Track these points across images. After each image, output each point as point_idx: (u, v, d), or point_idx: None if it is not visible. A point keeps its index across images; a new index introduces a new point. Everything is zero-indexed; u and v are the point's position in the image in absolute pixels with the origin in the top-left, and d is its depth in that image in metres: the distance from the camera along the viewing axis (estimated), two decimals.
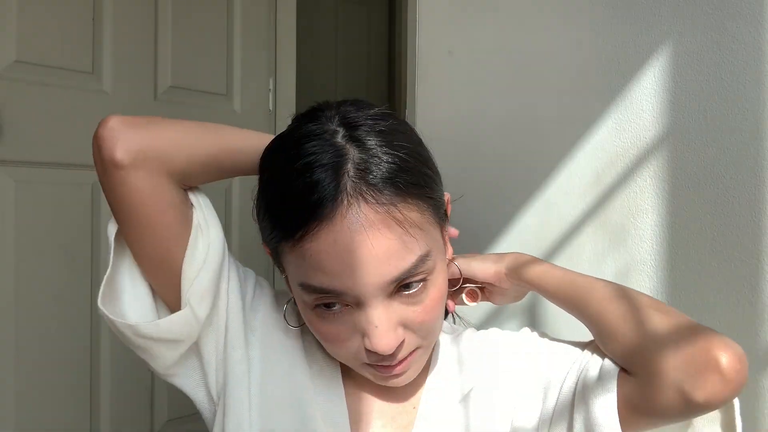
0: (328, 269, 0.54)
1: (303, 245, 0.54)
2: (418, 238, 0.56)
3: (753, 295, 0.82)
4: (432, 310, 0.58)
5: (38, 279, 1.40)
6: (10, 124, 1.35)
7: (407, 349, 0.58)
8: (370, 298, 0.55)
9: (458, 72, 1.21)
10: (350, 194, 0.54)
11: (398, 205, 0.55)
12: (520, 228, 1.10)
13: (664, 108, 0.91)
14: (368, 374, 0.61)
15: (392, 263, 0.54)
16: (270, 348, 0.66)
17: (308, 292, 0.56)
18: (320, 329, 0.59)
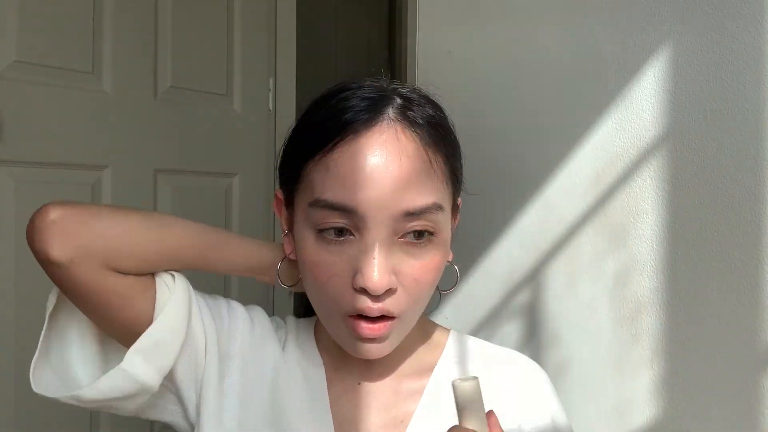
0: (348, 181, 0.55)
1: (332, 156, 0.56)
2: (438, 188, 0.58)
3: (753, 295, 0.82)
4: (429, 271, 0.58)
5: (38, 279, 1.39)
6: (10, 124, 1.35)
7: (393, 305, 0.56)
8: (377, 226, 0.55)
9: (458, 72, 1.21)
10: (391, 118, 0.57)
11: (431, 149, 0.58)
12: (520, 228, 1.10)
13: (664, 108, 0.91)
14: (345, 337, 0.59)
15: (411, 195, 0.55)
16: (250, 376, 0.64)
17: (320, 208, 0.56)
18: (316, 259, 0.57)
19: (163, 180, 1.63)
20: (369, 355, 0.60)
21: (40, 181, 1.40)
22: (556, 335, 1.05)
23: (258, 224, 1.84)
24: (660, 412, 0.92)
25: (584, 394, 1.00)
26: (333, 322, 0.60)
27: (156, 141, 1.61)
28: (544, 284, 1.07)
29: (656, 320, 0.92)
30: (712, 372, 0.86)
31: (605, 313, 0.98)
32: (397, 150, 0.56)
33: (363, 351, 0.59)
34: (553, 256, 1.05)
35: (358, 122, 0.56)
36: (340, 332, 0.60)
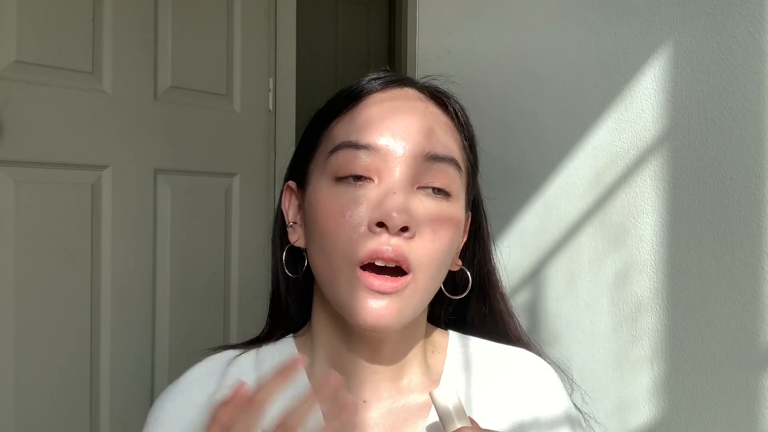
0: (373, 122, 0.56)
1: (356, 107, 0.58)
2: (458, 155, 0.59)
3: (753, 295, 0.82)
4: (444, 229, 0.56)
5: (38, 279, 1.40)
6: (10, 124, 1.35)
7: (409, 250, 0.53)
8: (400, 167, 0.55)
9: (458, 72, 1.21)
10: (419, 85, 0.61)
11: (456, 121, 0.61)
12: (520, 228, 1.10)
13: (664, 108, 0.91)
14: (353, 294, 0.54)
15: (434, 139, 0.56)
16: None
17: (344, 149, 0.56)
18: (331, 202, 0.55)
19: (163, 180, 1.63)
20: (376, 320, 0.53)
21: (40, 181, 1.40)
22: (556, 335, 1.05)
23: (258, 224, 1.84)
24: (660, 412, 0.92)
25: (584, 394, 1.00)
26: (341, 275, 0.54)
27: (156, 141, 1.61)
28: (544, 284, 1.07)
29: (656, 320, 0.92)
30: (712, 372, 0.86)
31: (605, 313, 0.98)
32: (422, 106, 0.58)
33: (370, 315, 0.53)
34: (553, 256, 1.05)
35: (381, 84, 0.59)
36: (347, 289, 0.54)
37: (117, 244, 1.53)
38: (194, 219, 1.71)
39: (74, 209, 1.46)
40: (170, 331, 1.64)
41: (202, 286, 1.73)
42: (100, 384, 1.51)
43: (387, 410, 0.59)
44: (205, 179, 1.75)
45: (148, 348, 1.61)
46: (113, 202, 1.52)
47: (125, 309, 1.55)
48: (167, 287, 1.64)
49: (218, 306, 1.77)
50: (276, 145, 1.89)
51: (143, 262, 1.59)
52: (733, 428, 0.84)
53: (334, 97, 0.62)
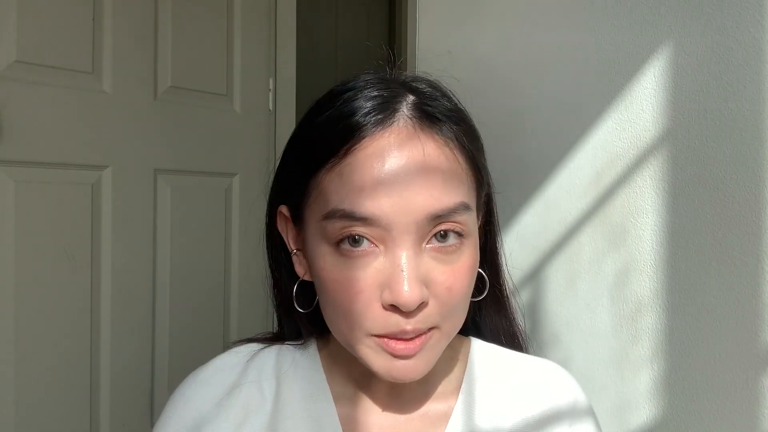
0: (366, 188, 0.50)
1: (345, 161, 0.51)
2: (463, 186, 0.53)
3: (753, 295, 0.82)
4: (461, 277, 0.52)
5: (38, 279, 1.40)
6: (10, 124, 1.35)
7: (426, 319, 0.51)
8: (404, 235, 0.50)
9: (458, 72, 1.21)
10: (406, 116, 0.52)
11: (454, 144, 0.53)
12: (520, 228, 1.10)
13: (664, 108, 0.91)
14: (375, 357, 0.52)
15: (436, 195, 0.50)
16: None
17: (338, 219, 0.50)
18: (338, 276, 0.52)
19: (163, 180, 1.63)
20: (403, 377, 0.52)
21: (40, 181, 1.40)
22: (556, 335, 1.05)
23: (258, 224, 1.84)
24: (660, 412, 0.92)
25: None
26: (359, 344, 0.53)
27: (156, 141, 1.61)
28: (544, 284, 1.07)
29: (656, 320, 0.92)
30: (712, 372, 0.86)
31: (605, 313, 0.98)
32: (417, 149, 0.51)
33: (396, 372, 0.52)
34: (553, 256, 1.05)
35: (370, 123, 0.51)
36: (367, 353, 0.53)
37: (117, 244, 1.53)
38: (194, 219, 1.71)
39: (74, 209, 1.46)
40: (170, 331, 1.64)
41: (202, 286, 1.73)
42: (100, 384, 1.51)
43: (406, 418, 0.59)
44: (205, 179, 1.75)
45: (148, 348, 1.61)
46: (113, 202, 1.52)
47: (125, 309, 1.55)
48: (167, 287, 1.64)
49: (218, 306, 1.77)
50: (276, 145, 1.89)
51: (143, 262, 1.59)
52: (733, 428, 0.84)
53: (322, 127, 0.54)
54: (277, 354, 0.62)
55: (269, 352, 0.63)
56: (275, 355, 0.62)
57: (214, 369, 0.62)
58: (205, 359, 0.64)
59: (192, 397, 0.60)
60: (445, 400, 0.60)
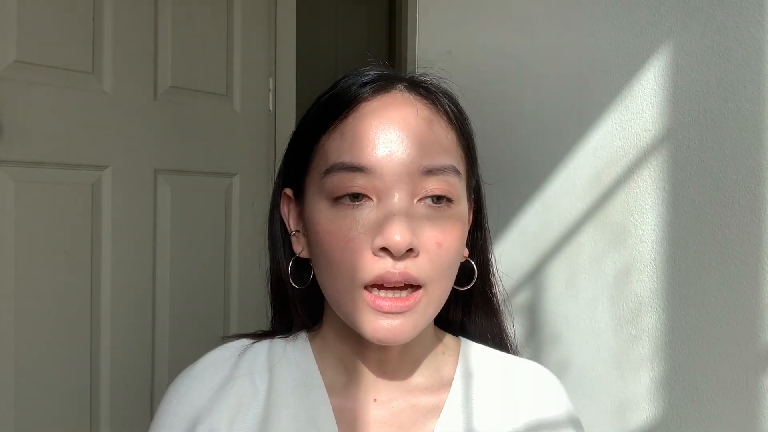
0: (365, 140, 0.54)
1: (346, 122, 0.56)
2: (454, 155, 0.57)
3: (753, 295, 0.82)
4: (451, 237, 0.55)
5: (38, 279, 1.40)
6: (10, 124, 1.35)
7: (417, 270, 0.53)
8: (397, 185, 0.53)
9: (458, 72, 1.21)
10: (407, 85, 0.58)
11: (444, 117, 0.58)
12: (520, 228, 1.10)
13: (664, 108, 0.91)
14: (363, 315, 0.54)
15: (428, 151, 0.55)
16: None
17: (338, 171, 0.54)
18: (331, 226, 0.54)
19: (163, 180, 1.63)
20: (388, 337, 0.53)
21: (40, 181, 1.40)
22: (556, 335, 1.05)
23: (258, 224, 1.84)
24: (660, 412, 0.92)
25: (584, 394, 1.00)
26: (348, 299, 0.54)
27: (156, 141, 1.61)
28: (544, 284, 1.07)
29: (656, 320, 0.92)
30: (712, 372, 0.86)
31: (605, 313, 0.98)
32: (412, 111, 0.56)
33: (382, 332, 0.53)
34: (553, 256, 1.05)
35: (368, 91, 0.56)
36: (355, 311, 0.54)
37: (117, 244, 1.53)
38: (194, 219, 1.71)
39: (74, 209, 1.46)
40: (170, 330, 1.64)
41: (202, 286, 1.73)
42: (100, 384, 1.51)
43: (397, 410, 0.60)
44: (205, 179, 1.75)
45: (148, 348, 1.61)
46: (113, 202, 1.52)
47: (125, 309, 1.55)
48: (167, 287, 1.64)
49: (218, 306, 1.77)
50: (276, 145, 1.89)
51: (143, 262, 1.59)
52: (733, 428, 0.84)
53: (324, 101, 0.60)
54: (269, 347, 0.64)
55: (260, 346, 0.64)
56: (266, 349, 0.64)
57: (206, 364, 0.63)
58: None
59: (185, 392, 0.61)
60: (437, 394, 0.61)
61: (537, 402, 0.63)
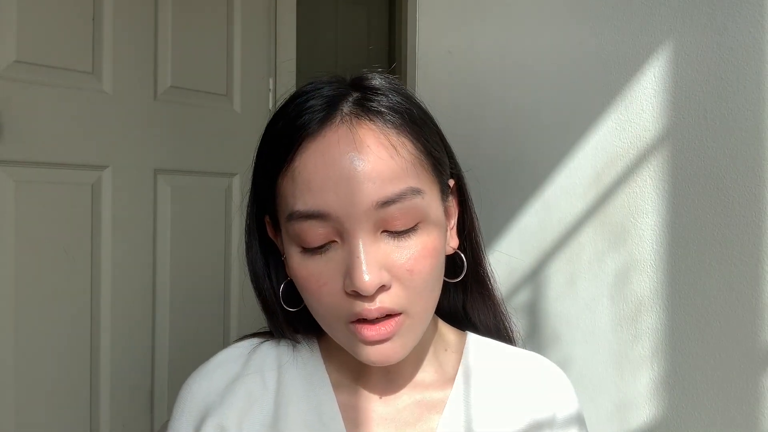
0: (314, 186, 0.53)
1: (294, 164, 0.54)
2: (410, 172, 0.55)
3: (753, 295, 0.82)
4: (421, 259, 0.55)
5: (38, 279, 1.40)
6: (10, 124, 1.35)
7: (392, 301, 0.54)
8: (355, 225, 0.53)
9: (458, 72, 1.21)
10: (345, 113, 0.55)
11: (393, 133, 0.55)
12: (520, 228, 1.10)
13: (664, 108, 0.91)
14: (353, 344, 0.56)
15: (379, 183, 0.53)
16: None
17: (296, 220, 0.54)
18: (305, 272, 0.55)
19: (163, 180, 1.63)
20: (382, 360, 0.55)
21: (40, 181, 1.40)
22: (556, 335, 1.05)
23: None
24: (660, 412, 0.92)
25: (584, 394, 1.00)
26: (337, 332, 0.57)
27: (156, 141, 1.61)
28: (544, 284, 1.07)
29: (656, 320, 0.92)
30: (712, 372, 0.86)
31: (605, 313, 0.98)
32: (353, 143, 0.54)
33: (374, 356, 0.55)
34: (553, 256, 1.05)
35: (313, 124, 0.55)
36: (346, 341, 0.57)
37: (117, 244, 1.53)
38: (194, 219, 1.71)
39: (74, 209, 1.46)
40: (170, 331, 1.64)
41: (202, 286, 1.73)
42: (100, 384, 1.51)
43: (402, 406, 0.61)
44: (205, 179, 1.75)
45: (148, 348, 1.61)
46: (113, 202, 1.52)
47: (125, 308, 1.55)
48: (167, 287, 1.64)
49: (218, 306, 1.77)
50: None
51: (143, 262, 1.59)
52: (733, 428, 0.84)
53: (272, 137, 0.58)
54: (278, 347, 0.65)
55: (270, 345, 0.66)
56: (276, 348, 0.65)
57: (218, 363, 0.65)
58: (205, 359, 0.66)
59: (198, 390, 0.63)
60: (441, 389, 0.63)
61: (542, 398, 0.64)
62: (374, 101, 0.56)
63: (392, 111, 0.56)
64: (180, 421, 0.63)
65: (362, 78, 0.59)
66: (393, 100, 0.57)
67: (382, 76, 0.60)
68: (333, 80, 0.58)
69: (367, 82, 0.58)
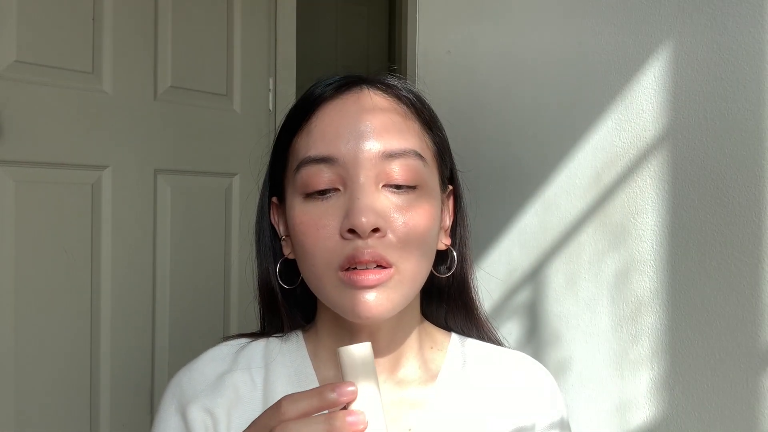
0: (328, 136, 0.58)
1: (311, 122, 0.59)
2: (416, 141, 0.60)
3: (753, 295, 0.82)
4: (417, 218, 0.58)
5: (38, 279, 1.40)
6: (10, 124, 1.35)
7: (385, 250, 0.56)
8: (360, 171, 0.56)
9: (458, 72, 1.21)
10: (367, 84, 0.61)
11: (404, 109, 0.61)
12: (520, 228, 1.10)
13: (664, 108, 0.91)
14: (342, 294, 0.57)
15: (387, 138, 0.58)
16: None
17: (306, 165, 0.58)
18: (304, 218, 0.58)
19: (163, 180, 1.63)
20: (366, 311, 0.56)
21: (40, 181, 1.40)
22: (556, 335, 1.05)
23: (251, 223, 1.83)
24: (660, 412, 0.92)
25: (584, 394, 1.00)
26: (327, 282, 0.57)
27: (156, 141, 1.61)
28: (544, 284, 1.07)
29: (656, 320, 0.92)
30: (712, 372, 0.86)
31: (605, 313, 0.98)
32: (370, 104, 0.59)
33: (362, 305, 0.55)
34: (553, 256, 1.05)
35: (330, 91, 0.60)
36: (336, 293, 0.57)
37: (117, 244, 1.53)
38: (194, 219, 1.71)
39: (74, 209, 1.46)
40: (170, 330, 1.64)
41: (202, 286, 1.73)
42: (100, 384, 1.51)
43: (388, 401, 0.61)
44: (205, 179, 1.75)
45: (148, 348, 1.61)
46: (113, 202, 1.52)
47: (125, 308, 1.55)
48: (167, 287, 1.64)
49: (218, 306, 1.77)
50: None
51: (143, 262, 1.59)
52: (733, 428, 0.84)
53: (292, 108, 0.64)
54: (265, 345, 0.67)
55: (257, 344, 0.67)
56: (263, 347, 0.67)
57: (206, 360, 0.66)
58: None
59: (187, 382, 0.64)
60: (424, 387, 0.63)
61: (525, 402, 0.64)
62: (392, 82, 0.63)
63: (407, 91, 0.63)
64: (168, 411, 0.64)
65: (379, 75, 0.64)
66: (409, 87, 0.63)
67: (397, 78, 0.65)
68: (350, 74, 0.64)
69: (383, 77, 0.64)
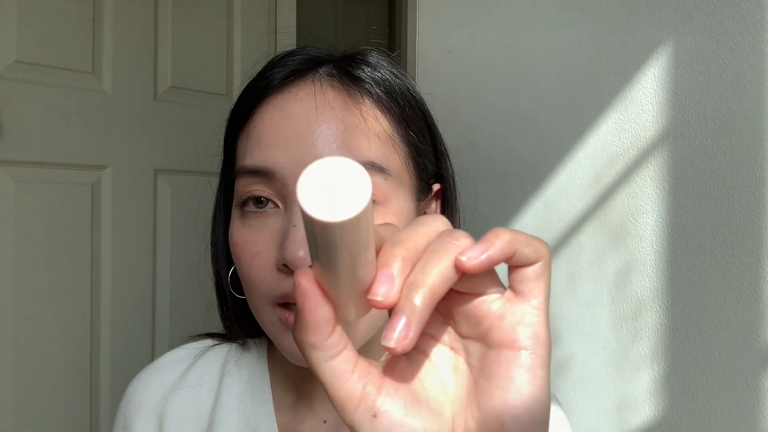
0: (265, 141, 0.47)
1: (252, 120, 0.49)
2: (375, 148, 0.48)
3: (753, 295, 0.82)
4: None
5: (38, 279, 1.40)
6: (10, 124, 1.35)
7: None
8: None
9: (458, 72, 1.21)
10: (319, 73, 0.50)
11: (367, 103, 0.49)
12: (520, 228, 1.10)
13: (664, 108, 0.91)
14: (278, 334, 0.48)
15: (334, 148, 0.46)
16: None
17: (241, 177, 0.48)
18: (239, 239, 0.49)
19: (163, 180, 1.63)
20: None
21: (40, 181, 1.40)
22: (556, 334, 1.05)
23: None
24: (660, 412, 0.92)
25: (584, 394, 1.00)
26: (265, 317, 0.49)
27: (156, 141, 1.61)
28: None
29: (656, 320, 0.92)
30: (712, 372, 0.86)
31: (605, 313, 0.98)
32: (321, 101, 0.47)
33: (297, 351, 0.47)
34: (553, 256, 1.05)
35: (278, 77, 0.49)
36: (273, 328, 0.49)
37: (117, 244, 1.53)
38: (194, 219, 1.71)
39: (74, 209, 1.46)
40: (170, 331, 1.64)
41: (202, 286, 1.73)
42: (100, 384, 1.51)
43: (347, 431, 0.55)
44: (205, 179, 1.75)
45: (148, 348, 1.61)
46: (113, 202, 1.52)
47: (125, 309, 1.55)
48: (167, 287, 1.64)
49: None
50: None
51: (143, 262, 1.59)
52: (733, 428, 0.84)
53: (237, 98, 0.53)
54: (227, 352, 0.60)
55: (219, 349, 0.61)
56: (225, 354, 0.60)
57: (163, 363, 0.62)
58: None
59: (143, 388, 0.61)
60: None
61: None
62: (358, 69, 0.50)
63: (375, 83, 0.50)
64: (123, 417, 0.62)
65: (357, 51, 0.53)
66: (381, 75, 0.51)
67: (382, 56, 0.53)
68: (325, 47, 0.53)
69: (360, 55, 0.53)
